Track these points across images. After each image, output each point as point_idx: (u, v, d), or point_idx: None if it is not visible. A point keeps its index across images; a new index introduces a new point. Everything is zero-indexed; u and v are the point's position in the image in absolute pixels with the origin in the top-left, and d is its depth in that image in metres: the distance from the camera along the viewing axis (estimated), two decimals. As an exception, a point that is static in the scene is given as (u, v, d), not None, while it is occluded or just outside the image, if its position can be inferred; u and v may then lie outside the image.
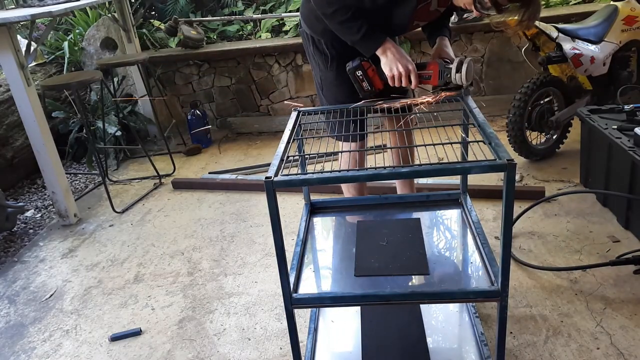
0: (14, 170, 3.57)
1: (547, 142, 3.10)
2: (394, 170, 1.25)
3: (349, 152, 1.95)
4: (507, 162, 1.17)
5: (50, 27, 3.51)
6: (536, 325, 1.86)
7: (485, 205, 2.67)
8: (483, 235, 1.55)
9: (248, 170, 3.48)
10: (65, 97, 3.95)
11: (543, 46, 2.97)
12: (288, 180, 1.24)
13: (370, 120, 1.81)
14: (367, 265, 1.49)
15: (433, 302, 1.64)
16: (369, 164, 1.79)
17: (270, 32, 4.33)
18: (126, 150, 3.93)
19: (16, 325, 2.24)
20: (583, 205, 2.58)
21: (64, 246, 2.83)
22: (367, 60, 1.75)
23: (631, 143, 2.21)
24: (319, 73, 2.00)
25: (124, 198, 3.31)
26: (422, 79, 1.73)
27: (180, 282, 2.38)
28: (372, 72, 1.76)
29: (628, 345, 1.73)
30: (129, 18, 3.93)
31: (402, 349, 1.68)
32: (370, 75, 1.76)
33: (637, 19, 2.89)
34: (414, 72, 1.69)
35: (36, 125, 2.80)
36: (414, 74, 1.69)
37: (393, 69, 1.69)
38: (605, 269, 2.09)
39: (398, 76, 1.69)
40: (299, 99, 4.20)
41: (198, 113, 3.96)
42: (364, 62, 1.74)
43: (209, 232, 2.77)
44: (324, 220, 1.82)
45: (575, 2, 3.98)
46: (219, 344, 1.97)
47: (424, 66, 1.72)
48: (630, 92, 2.93)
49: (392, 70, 1.70)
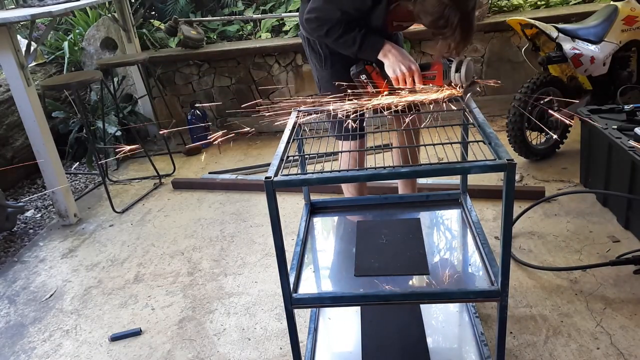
0: (14, 170, 3.57)
1: (547, 142, 3.10)
2: (393, 170, 1.25)
3: (348, 152, 1.95)
4: (507, 162, 1.17)
5: (50, 27, 3.51)
6: (536, 325, 1.86)
7: (485, 205, 2.67)
8: (483, 235, 1.55)
9: (248, 170, 3.49)
10: (65, 97, 3.95)
11: (543, 46, 2.97)
12: (288, 180, 1.24)
13: (369, 119, 1.81)
14: (367, 265, 1.49)
15: (433, 302, 1.64)
16: (369, 164, 1.80)
17: (270, 32, 4.33)
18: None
19: (16, 325, 2.24)
20: (583, 205, 2.58)
21: (64, 246, 2.83)
22: (371, 64, 1.75)
23: (631, 143, 2.21)
24: (316, 72, 2.03)
25: (124, 198, 3.31)
26: (426, 80, 1.73)
27: (180, 282, 2.38)
28: (376, 75, 1.76)
29: (628, 345, 1.73)
30: (129, 18, 3.93)
31: (402, 349, 1.68)
32: (375, 78, 1.76)
33: (637, 19, 2.89)
34: (417, 73, 1.69)
35: (36, 125, 2.80)
36: (417, 74, 1.69)
37: (396, 71, 1.70)
38: (605, 269, 2.09)
39: (402, 77, 1.70)
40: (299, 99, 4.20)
41: (198, 113, 3.96)
42: (367, 66, 1.75)
43: (209, 232, 2.77)
44: (324, 220, 1.82)
45: (575, 2, 3.98)
46: (219, 344, 1.97)
47: (428, 66, 1.72)
48: (630, 92, 2.93)
49: (395, 72, 1.70)
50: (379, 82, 1.77)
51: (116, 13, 3.88)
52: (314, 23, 1.75)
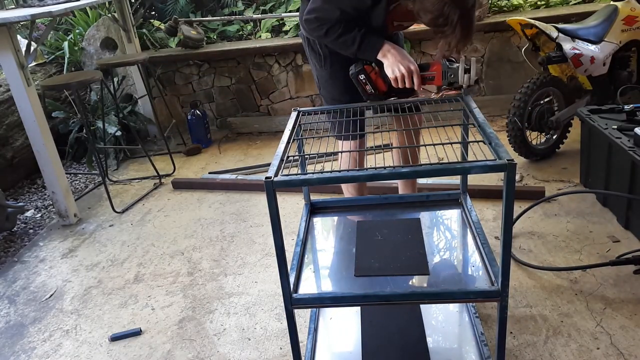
0: (14, 170, 3.57)
1: (547, 142, 3.10)
2: (394, 170, 1.25)
3: (348, 152, 1.95)
4: (507, 162, 1.17)
5: (50, 27, 3.51)
6: (536, 325, 1.86)
7: (485, 205, 2.68)
8: (483, 235, 1.55)
9: (248, 170, 3.49)
10: (65, 97, 3.95)
11: (543, 46, 2.97)
12: (288, 180, 1.24)
13: (370, 119, 1.81)
14: (367, 265, 1.49)
15: (433, 302, 1.63)
16: (369, 164, 1.80)
17: (270, 32, 4.33)
18: (126, 150, 3.93)
19: (16, 325, 2.24)
20: (583, 205, 2.58)
21: (64, 246, 2.83)
22: (370, 64, 1.75)
23: (631, 143, 2.21)
24: (316, 72, 2.03)
25: (124, 198, 3.31)
26: (425, 80, 1.73)
27: (180, 282, 2.38)
28: (375, 75, 1.76)
29: (628, 345, 1.73)
30: (129, 18, 3.93)
31: (402, 349, 1.68)
32: (373, 78, 1.76)
33: (637, 19, 2.88)
34: (416, 73, 1.69)
35: (36, 125, 2.80)
36: (416, 74, 1.69)
37: (395, 71, 1.70)
38: (605, 269, 2.09)
39: (401, 77, 1.70)
40: (299, 99, 4.20)
41: (198, 113, 3.96)
42: (366, 66, 1.75)
43: (209, 232, 2.77)
44: (324, 220, 1.82)
45: (575, 2, 3.98)
46: (219, 344, 1.97)
47: (427, 67, 1.72)
48: (630, 92, 2.93)
49: (394, 72, 1.70)
50: (377, 82, 1.77)
51: (116, 13, 3.88)
52: (314, 23, 1.75)
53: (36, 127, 2.81)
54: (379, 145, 3.19)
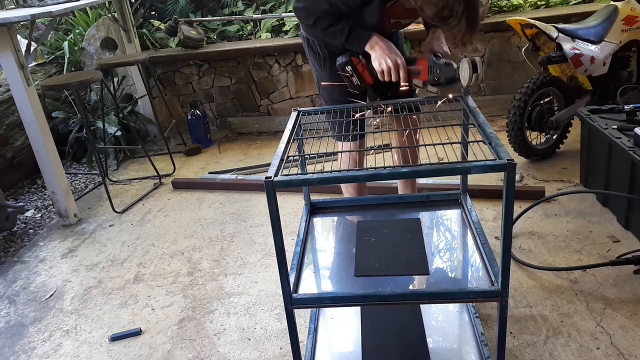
0: (14, 170, 3.57)
1: (547, 142, 3.10)
2: (394, 170, 1.25)
3: (348, 152, 1.95)
4: (507, 162, 1.17)
5: (50, 27, 3.51)
6: (536, 325, 1.86)
7: (485, 205, 2.67)
8: (483, 235, 1.55)
9: (248, 170, 3.49)
10: (65, 97, 3.95)
11: (543, 46, 2.97)
12: (288, 180, 1.24)
13: (369, 120, 1.81)
14: (367, 265, 1.49)
15: (433, 302, 1.63)
16: (369, 164, 1.79)
17: (270, 32, 4.33)
18: (126, 150, 3.93)
19: (16, 325, 2.24)
20: (583, 205, 2.58)
21: (64, 246, 2.83)
22: (357, 56, 1.76)
23: (631, 143, 2.21)
24: (316, 73, 2.04)
25: (124, 198, 3.31)
26: (411, 74, 1.73)
27: (180, 282, 2.38)
28: (362, 67, 1.76)
29: (628, 345, 1.73)
30: (129, 18, 3.93)
31: (402, 349, 1.68)
32: (360, 70, 1.76)
33: (637, 19, 2.88)
34: (402, 67, 1.70)
35: (36, 125, 2.80)
36: (402, 68, 1.70)
37: (382, 64, 1.70)
38: (605, 269, 2.09)
39: (387, 70, 1.70)
40: (299, 99, 4.20)
41: (198, 113, 3.96)
42: (354, 58, 1.75)
43: (209, 232, 2.77)
44: (324, 221, 1.82)
45: (575, 2, 3.98)
46: (219, 344, 1.97)
47: (414, 61, 1.72)
48: (630, 92, 2.93)
49: (381, 65, 1.71)
50: (364, 74, 1.77)
51: (116, 13, 3.88)
52: (302, 12, 1.76)
53: (36, 127, 2.81)
54: (379, 145, 3.19)
